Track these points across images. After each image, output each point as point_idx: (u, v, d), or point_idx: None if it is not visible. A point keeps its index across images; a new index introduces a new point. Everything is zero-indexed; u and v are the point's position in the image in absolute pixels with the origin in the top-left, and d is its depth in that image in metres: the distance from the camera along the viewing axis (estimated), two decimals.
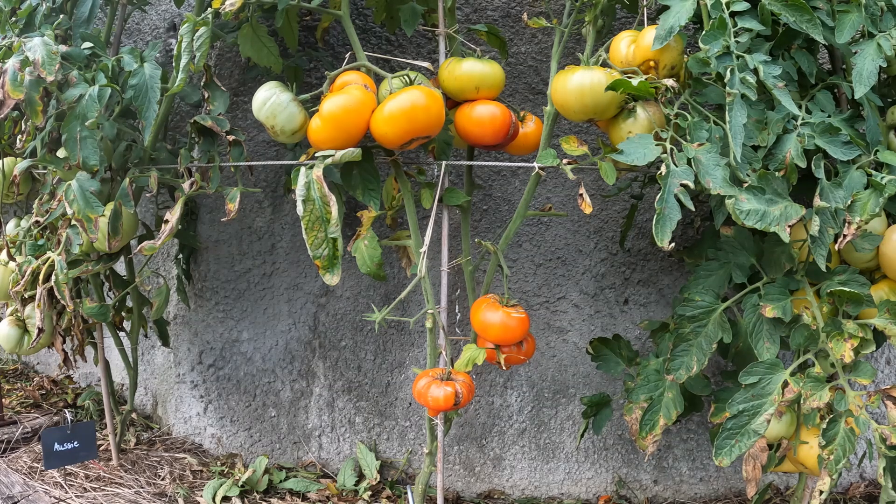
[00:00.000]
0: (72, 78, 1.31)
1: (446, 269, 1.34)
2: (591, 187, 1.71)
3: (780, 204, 1.11)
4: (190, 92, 1.49)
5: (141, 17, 1.87)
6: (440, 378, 1.22)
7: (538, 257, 1.77)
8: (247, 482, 1.77)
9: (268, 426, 1.92)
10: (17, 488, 1.71)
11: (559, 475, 1.84)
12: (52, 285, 1.47)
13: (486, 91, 1.30)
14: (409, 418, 1.86)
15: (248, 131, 1.79)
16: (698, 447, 1.83)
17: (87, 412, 2.11)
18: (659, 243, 1.10)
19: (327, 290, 1.85)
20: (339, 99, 1.17)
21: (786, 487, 1.85)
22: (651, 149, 1.13)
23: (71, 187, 1.34)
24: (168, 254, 1.97)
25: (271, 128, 1.23)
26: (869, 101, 1.21)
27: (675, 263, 1.76)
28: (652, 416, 1.33)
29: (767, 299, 1.22)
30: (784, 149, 1.16)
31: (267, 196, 1.83)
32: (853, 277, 1.20)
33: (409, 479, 1.86)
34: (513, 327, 1.27)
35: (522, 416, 1.83)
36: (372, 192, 1.29)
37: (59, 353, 1.63)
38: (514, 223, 1.35)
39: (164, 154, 1.50)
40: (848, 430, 1.14)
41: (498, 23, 1.67)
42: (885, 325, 1.16)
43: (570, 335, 1.80)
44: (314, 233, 1.16)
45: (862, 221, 1.13)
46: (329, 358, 1.87)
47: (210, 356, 1.92)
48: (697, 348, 1.27)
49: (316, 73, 1.73)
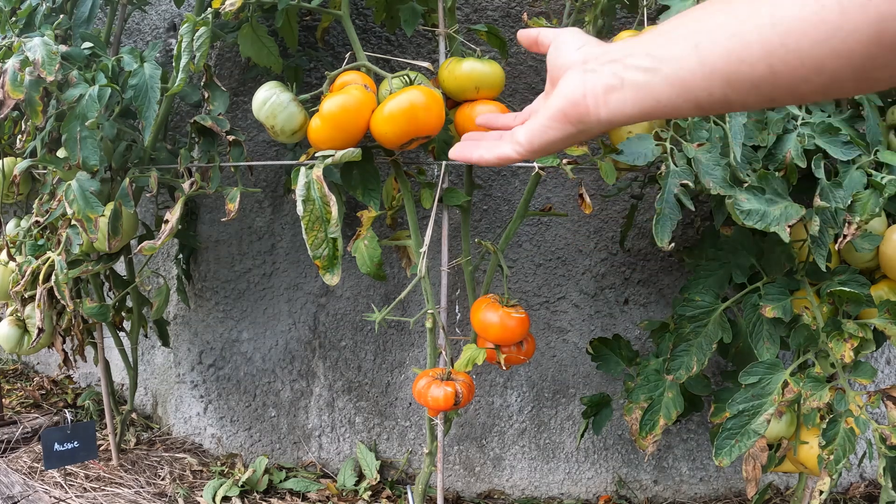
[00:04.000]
0: (72, 78, 1.31)
1: (446, 269, 1.34)
2: (591, 187, 1.71)
3: (780, 204, 1.11)
4: (190, 92, 1.49)
5: (141, 17, 1.87)
6: (440, 378, 1.22)
7: (538, 257, 1.77)
8: (247, 482, 1.77)
9: (268, 426, 1.92)
10: (17, 488, 1.70)
11: (559, 475, 1.84)
12: (52, 285, 1.47)
13: (487, 91, 1.30)
14: (409, 418, 1.86)
15: (248, 131, 1.79)
16: (698, 447, 1.83)
17: (87, 412, 2.11)
18: (659, 243, 1.10)
19: (327, 290, 1.85)
20: (339, 99, 1.17)
21: (786, 487, 1.85)
22: (651, 149, 1.13)
23: (71, 187, 1.34)
24: (168, 254, 1.97)
25: (271, 128, 1.23)
26: (869, 101, 1.21)
27: (675, 263, 1.76)
28: (652, 417, 1.33)
29: (767, 299, 1.22)
30: (784, 149, 1.16)
31: (267, 196, 1.83)
32: (853, 277, 1.20)
33: (409, 479, 1.86)
34: (513, 327, 1.26)
35: (522, 416, 1.83)
36: (372, 192, 1.29)
37: (59, 353, 1.63)
38: (514, 223, 1.35)
39: (164, 154, 1.50)
40: (848, 430, 1.14)
41: (498, 23, 1.67)
42: (885, 325, 1.16)
43: (570, 335, 1.80)
44: (314, 233, 1.16)
45: (862, 221, 1.13)
46: (329, 358, 1.87)
47: (210, 356, 1.92)
48: (697, 348, 1.27)
49: (316, 73, 1.73)
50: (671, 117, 0.56)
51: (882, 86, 0.48)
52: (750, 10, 0.48)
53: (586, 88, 0.59)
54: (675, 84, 0.53)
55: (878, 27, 0.42)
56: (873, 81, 0.46)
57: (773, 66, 0.47)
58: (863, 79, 0.45)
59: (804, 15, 0.45)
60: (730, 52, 0.49)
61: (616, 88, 0.57)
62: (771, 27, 0.46)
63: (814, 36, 0.45)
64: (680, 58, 0.52)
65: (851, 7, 0.43)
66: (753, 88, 0.49)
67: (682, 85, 0.52)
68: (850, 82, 0.46)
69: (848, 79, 0.46)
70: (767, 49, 0.47)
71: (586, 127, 0.61)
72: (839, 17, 0.44)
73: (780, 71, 0.47)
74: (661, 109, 0.55)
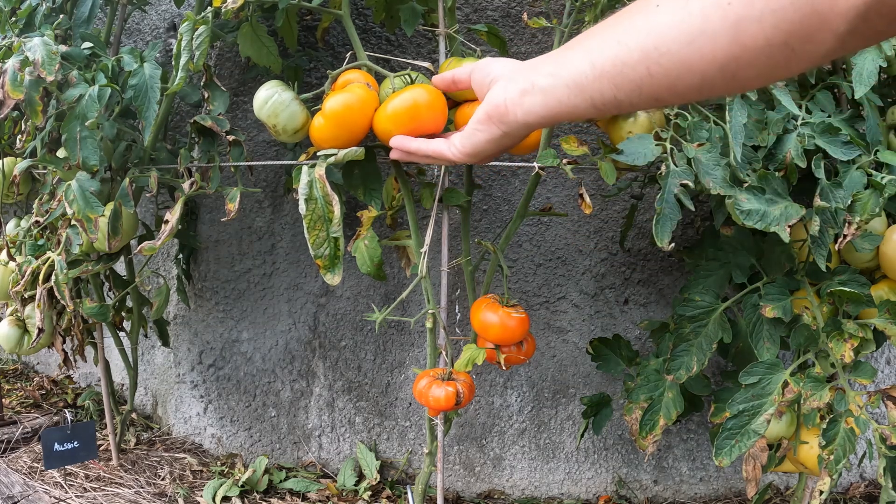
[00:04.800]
0: (72, 78, 1.31)
1: (446, 269, 1.34)
2: (591, 187, 1.71)
3: (780, 204, 1.11)
4: (190, 92, 1.49)
5: (141, 17, 1.87)
6: (441, 378, 1.22)
7: (538, 257, 1.77)
8: (247, 482, 1.77)
9: (268, 426, 1.92)
10: (17, 488, 1.70)
11: (559, 475, 1.84)
12: (52, 285, 1.47)
13: None
14: (409, 418, 1.86)
15: (248, 131, 1.79)
16: (698, 447, 1.83)
17: (87, 412, 2.11)
18: (659, 243, 1.10)
19: (327, 290, 1.85)
20: (343, 97, 1.16)
21: (786, 487, 1.85)
22: (651, 149, 1.13)
23: (71, 187, 1.33)
24: (168, 254, 1.97)
25: (273, 127, 1.22)
26: (869, 101, 1.21)
27: (675, 263, 1.76)
28: (652, 417, 1.33)
29: (767, 299, 1.22)
30: (784, 149, 1.16)
31: (267, 196, 1.83)
32: (853, 277, 1.20)
33: (409, 479, 1.86)
34: (513, 327, 1.26)
35: (522, 416, 1.83)
36: (374, 192, 1.28)
37: (59, 353, 1.63)
38: (514, 223, 1.35)
39: (164, 154, 1.50)
40: (848, 430, 1.14)
41: (498, 23, 1.67)
42: (886, 325, 1.16)
43: (570, 335, 1.80)
44: (316, 232, 1.16)
45: (862, 221, 1.13)
46: (329, 358, 1.87)
47: (210, 356, 1.92)
48: (697, 348, 1.27)
49: (316, 73, 1.73)
50: (573, 118, 0.69)
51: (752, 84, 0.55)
52: (632, 23, 0.55)
53: (507, 94, 0.70)
54: (572, 86, 0.62)
55: (736, 29, 0.47)
56: (742, 80, 0.51)
57: (650, 69, 0.54)
58: (731, 77, 0.50)
59: (673, 22, 0.51)
60: (614, 57, 0.57)
61: (528, 92, 0.68)
62: (646, 34, 0.54)
63: (681, 39, 0.51)
64: (576, 64, 0.61)
65: (713, 12, 0.48)
66: (636, 88, 0.56)
67: (578, 87, 0.61)
68: (720, 81, 0.51)
69: (717, 78, 0.51)
70: (644, 52, 0.54)
71: (508, 128, 0.72)
72: (702, 21, 0.49)
73: (656, 72, 0.54)
74: (563, 109, 0.64)
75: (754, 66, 0.48)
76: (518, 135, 0.72)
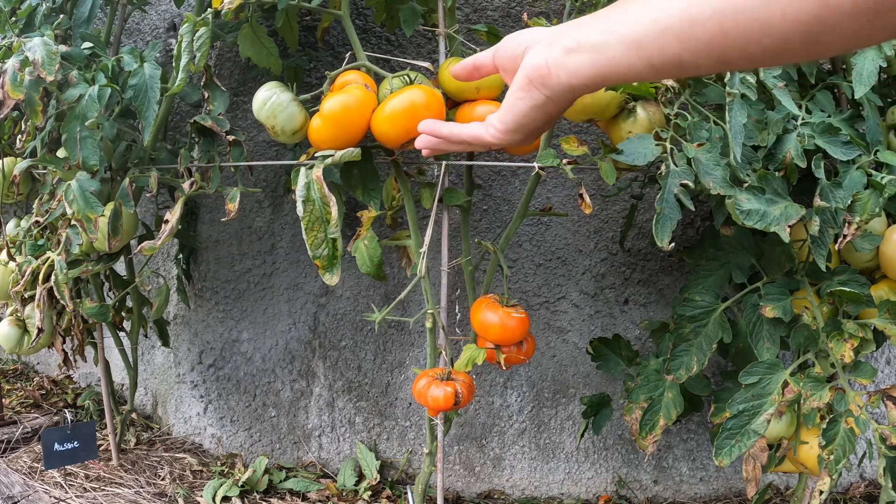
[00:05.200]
0: (72, 78, 1.31)
1: (446, 269, 1.34)
2: (591, 187, 1.71)
3: (780, 204, 1.11)
4: (190, 92, 1.49)
5: (141, 17, 1.87)
6: (440, 378, 1.22)
7: (538, 257, 1.77)
8: (247, 482, 1.77)
9: (268, 426, 1.92)
10: (17, 488, 1.71)
11: (559, 475, 1.84)
12: (52, 285, 1.47)
13: (487, 91, 1.30)
14: (409, 418, 1.86)
15: (248, 131, 1.79)
16: (698, 447, 1.83)
17: (87, 412, 2.11)
18: (659, 243, 1.10)
19: (327, 290, 1.85)
20: (340, 98, 1.16)
21: (786, 487, 1.85)
22: (651, 149, 1.13)
23: (71, 187, 1.33)
24: (168, 254, 1.97)
25: (272, 128, 1.22)
26: (869, 101, 1.21)
27: (675, 263, 1.76)
28: (652, 417, 1.33)
29: (767, 299, 1.22)
30: (784, 149, 1.16)
31: (267, 196, 1.83)
32: (853, 277, 1.20)
33: (409, 479, 1.86)
34: (513, 327, 1.26)
35: (522, 416, 1.83)
36: (372, 192, 1.29)
37: (59, 353, 1.63)
38: (514, 223, 1.35)
39: (164, 154, 1.50)
40: (848, 430, 1.14)
41: (498, 23, 1.67)
42: (885, 325, 1.16)
43: (570, 335, 1.80)
44: (314, 233, 1.16)
45: (862, 221, 1.13)
46: (329, 358, 1.87)
47: (210, 356, 1.92)
48: (697, 348, 1.27)
49: (316, 73, 1.73)
50: (625, 80, 0.59)
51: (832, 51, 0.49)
52: None
53: (548, 55, 0.62)
54: (629, 42, 0.54)
55: None
56: (823, 45, 0.46)
57: (724, 26, 0.48)
58: (812, 42, 0.46)
59: None
60: (682, 11, 0.50)
61: (574, 50, 0.60)
62: None
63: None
64: (637, 18, 0.54)
65: None
66: (705, 48, 0.50)
67: (637, 44, 0.54)
68: (800, 45, 0.47)
69: (797, 42, 0.46)
70: (718, 8, 0.48)
71: (552, 92, 0.64)
72: None
73: (730, 31, 0.48)
74: (615, 70, 0.57)
75: (838, 30, 0.44)
76: (563, 100, 0.65)
